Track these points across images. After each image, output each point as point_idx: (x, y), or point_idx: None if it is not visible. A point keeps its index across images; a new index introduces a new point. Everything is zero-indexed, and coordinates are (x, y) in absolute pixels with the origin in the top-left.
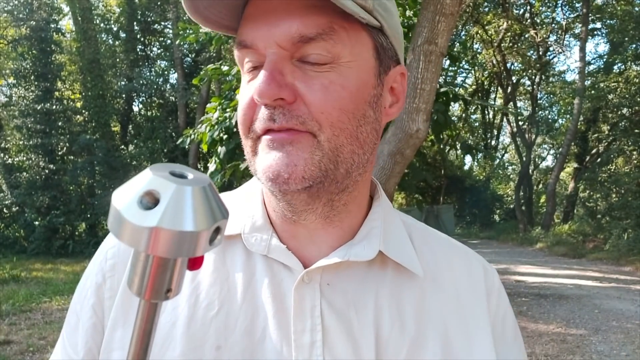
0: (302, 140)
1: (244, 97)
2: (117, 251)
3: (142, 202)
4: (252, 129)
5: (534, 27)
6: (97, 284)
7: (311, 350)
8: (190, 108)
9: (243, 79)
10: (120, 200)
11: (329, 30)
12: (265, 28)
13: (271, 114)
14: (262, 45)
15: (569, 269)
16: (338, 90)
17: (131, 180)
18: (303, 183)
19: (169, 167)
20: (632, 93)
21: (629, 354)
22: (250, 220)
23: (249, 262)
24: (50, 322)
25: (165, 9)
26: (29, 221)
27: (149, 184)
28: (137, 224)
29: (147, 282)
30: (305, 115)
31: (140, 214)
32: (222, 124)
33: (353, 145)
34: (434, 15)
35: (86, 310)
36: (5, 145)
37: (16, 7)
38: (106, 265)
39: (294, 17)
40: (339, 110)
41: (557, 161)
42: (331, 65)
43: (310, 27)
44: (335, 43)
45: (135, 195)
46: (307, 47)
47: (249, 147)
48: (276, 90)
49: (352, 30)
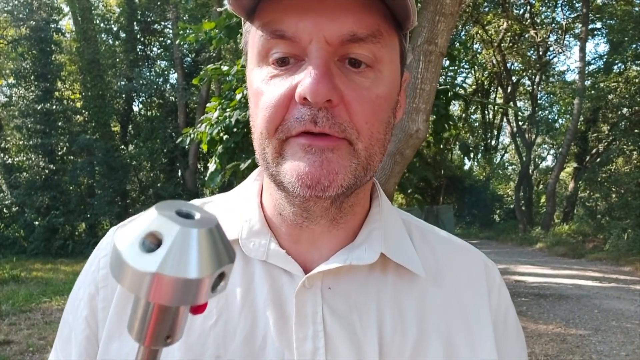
0: (341, 148)
1: (273, 93)
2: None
3: (145, 243)
4: (281, 129)
5: (534, 27)
6: (90, 295)
7: (314, 357)
8: (190, 108)
9: (261, 72)
10: (122, 240)
11: (377, 32)
12: (315, 21)
13: (314, 116)
14: (307, 38)
15: (568, 269)
16: (381, 102)
17: (136, 218)
18: (339, 190)
19: (176, 205)
20: (632, 93)
21: (628, 353)
22: (247, 225)
23: (247, 269)
24: (50, 322)
25: (165, 9)
26: (29, 221)
27: (153, 224)
28: (137, 268)
29: (147, 329)
30: (347, 123)
31: (141, 258)
32: (221, 124)
33: (381, 153)
34: (433, 15)
35: (79, 323)
36: (5, 145)
37: (16, 7)
38: (99, 275)
39: (348, 15)
40: (380, 122)
41: (557, 161)
42: (371, 70)
43: (363, 26)
44: (382, 46)
45: (138, 235)
46: (353, 47)
47: (271, 148)
48: (330, 91)
49: (391, 35)
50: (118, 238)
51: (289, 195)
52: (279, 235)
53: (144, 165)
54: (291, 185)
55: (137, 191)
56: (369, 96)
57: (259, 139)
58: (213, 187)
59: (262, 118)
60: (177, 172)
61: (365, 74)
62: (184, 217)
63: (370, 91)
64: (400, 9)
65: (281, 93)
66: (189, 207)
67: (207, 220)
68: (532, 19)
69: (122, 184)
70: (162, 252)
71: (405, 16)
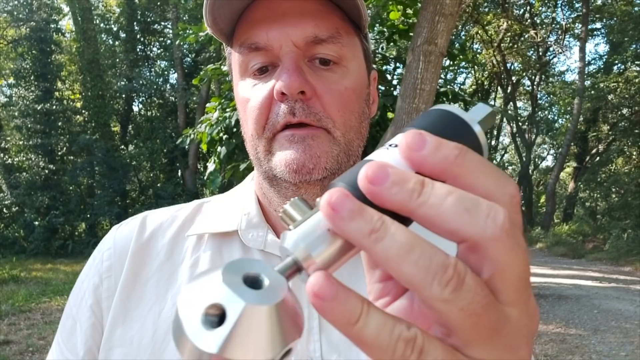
0: (320, 135)
1: (257, 97)
2: (113, 252)
3: (207, 316)
4: (267, 127)
5: (534, 27)
6: (94, 285)
7: (308, 336)
8: (190, 108)
9: (245, 83)
10: (185, 306)
11: (336, 34)
12: (280, 29)
13: (291, 108)
14: (277, 45)
15: (568, 269)
16: (350, 93)
17: (203, 277)
18: (324, 173)
19: (245, 266)
20: (632, 93)
21: (628, 354)
22: (246, 218)
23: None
24: (49, 322)
25: (165, 9)
26: (29, 221)
27: (216, 295)
28: (197, 345)
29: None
30: (322, 113)
31: (201, 332)
32: (221, 124)
33: (359, 139)
34: (433, 16)
35: (84, 312)
36: (5, 145)
37: (16, 7)
38: (102, 267)
39: (307, 20)
40: (351, 111)
41: (557, 161)
42: (338, 66)
43: (323, 29)
44: (343, 46)
45: (201, 306)
46: (318, 48)
47: (262, 147)
48: (301, 84)
49: (350, 35)
50: (181, 301)
51: (282, 189)
52: (275, 227)
53: (144, 165)
54: (282, 174)
55: (137, 191)
56: (338, 89)
57: (251, 140)
58: (213, 189)
59: (251, 120)
60: (177, 172)
61: (333, 70)
62: (250, 284)
63: (339, 84)
64: (353, 9)
65: (263, 95)
66: (259, 268)
67: (277, 287)
68: (532, 19)
69: (122, 184)
70: (224, 332)
71: (358, 15)
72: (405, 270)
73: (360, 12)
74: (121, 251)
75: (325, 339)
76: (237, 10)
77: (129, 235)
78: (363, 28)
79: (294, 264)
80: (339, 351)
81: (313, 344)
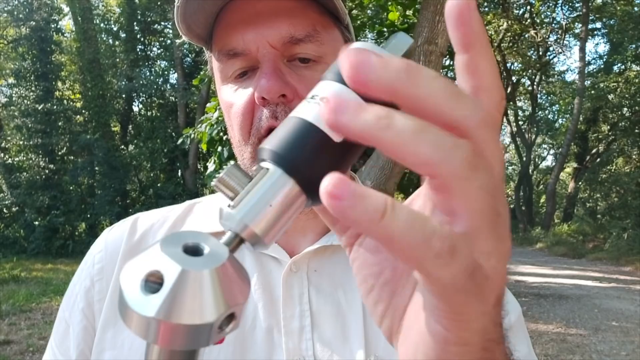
0: None
1: (239, 102)
2: (104, 255)
3: (147, 282)
4: (252, 132)
5: (534, 27)
6: (85, 288)
7: (300, 335)
8: (190, 108)
9: (227, 88)
10: (125, 277)
11: (313, 31)
12: (255, 32)
13: (273, 112)
14: (254, 48)
15: (568, 269)
16: None
17: (143, 252)
18: None
19: (185, 237)
20: (632, 93)
21: (628, 353)
22: None
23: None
24: (50, 322)
25: (165, 9)
26: (29, 221)
27: (155, 262)
28: (136, 310)
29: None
30: None
31: (142, 299)
32: (221, 124)
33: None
34: (433, 15)
35: (76, 315)
36: (5, 145)
37: (16, 7)
38: (94, 270)
39: (282, 19)
40: None
41: (557, 161)
42: (318, 64)
43: (299, 28)
44: (321, 43)
45: (140, 274)
46: (296, 48)
47: (248, 153)
48: (281, 87)
49: (329, 29)
50: (123, 274)
51: None
52: None
53: (144, 165)
54: None
55: (137, 191)
56: None
57: (238, 146)
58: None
59: (236, 127)
60: (177, 172)
61: (314, 68)
62: (190, 253)
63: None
64: (328, 2)
65: (245, 100)
66: (200, 239)
67: (216, 255)
68: (532, 19)
69: (123, 183)
70: (162, 296)
71: (333, 8)
72: (422, 151)
73: (335, 5)
74: (112, 253)
75: (318, 337)
76: (212, 13)
77: (120, 238)
78: (342, 20)
79: (235, 236)
80: (332, 349)
81: (305, 343)
